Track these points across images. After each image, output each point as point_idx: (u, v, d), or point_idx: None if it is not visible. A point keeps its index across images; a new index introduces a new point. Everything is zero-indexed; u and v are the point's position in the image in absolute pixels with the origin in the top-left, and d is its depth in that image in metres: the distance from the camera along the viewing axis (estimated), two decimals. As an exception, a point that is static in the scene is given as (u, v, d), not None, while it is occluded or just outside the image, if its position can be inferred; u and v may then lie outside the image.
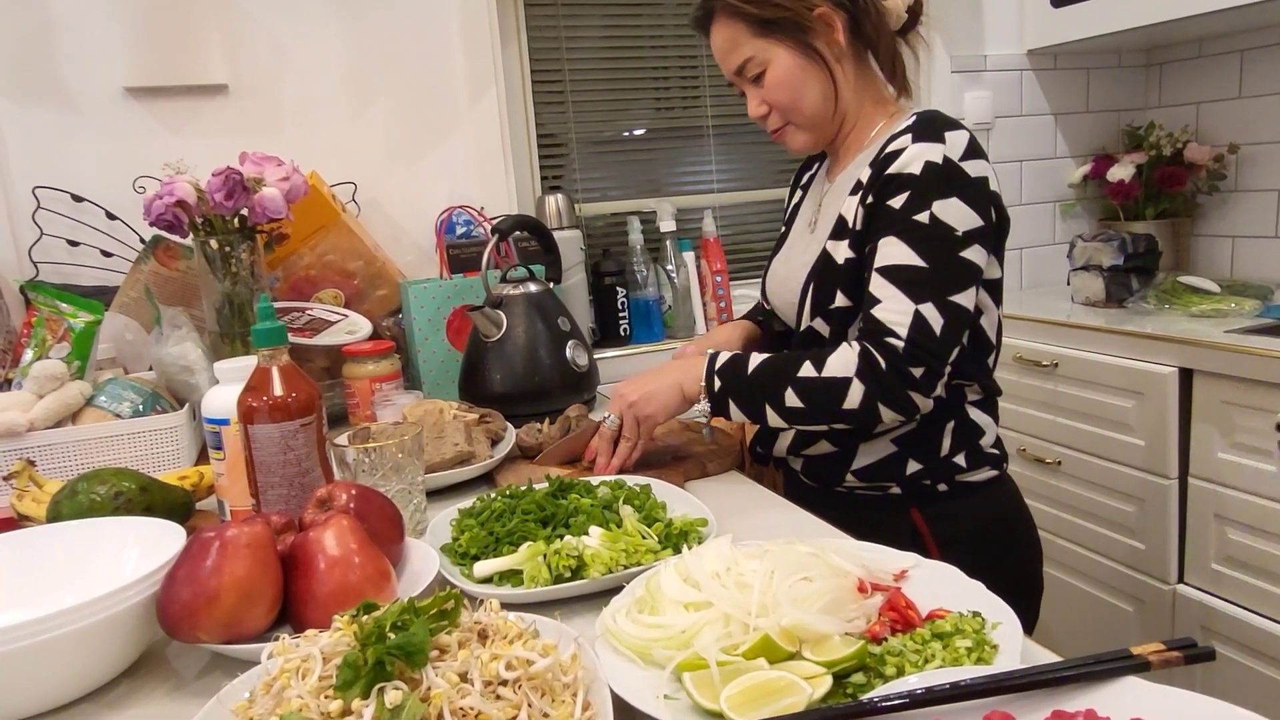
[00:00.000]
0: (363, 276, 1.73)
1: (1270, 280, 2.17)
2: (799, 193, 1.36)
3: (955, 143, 1.07)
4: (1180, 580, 1.84)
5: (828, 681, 0.61)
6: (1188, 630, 1.81)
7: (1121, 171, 2.38)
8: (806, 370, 1.06)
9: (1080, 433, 2.01)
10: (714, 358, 1.13)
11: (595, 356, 1.59)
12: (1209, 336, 1.73)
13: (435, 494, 1.15)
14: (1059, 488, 2.08)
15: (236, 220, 1.36)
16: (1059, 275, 2.41)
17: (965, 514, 1.15)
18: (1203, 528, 1.78)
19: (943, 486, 1.15)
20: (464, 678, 0.58)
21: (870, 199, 1.09)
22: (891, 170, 1.07)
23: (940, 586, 0.75)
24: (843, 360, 1.05)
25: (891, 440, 1.14)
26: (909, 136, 1.08)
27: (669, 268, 2.21)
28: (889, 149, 1.09)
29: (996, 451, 1.18)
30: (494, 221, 1.89)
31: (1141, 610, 1.92)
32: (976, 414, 1.16)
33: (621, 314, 2.17)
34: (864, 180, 1.12)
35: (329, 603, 0.74)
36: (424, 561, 0.87)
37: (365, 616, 0.61)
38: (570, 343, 1.50)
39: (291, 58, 1.86)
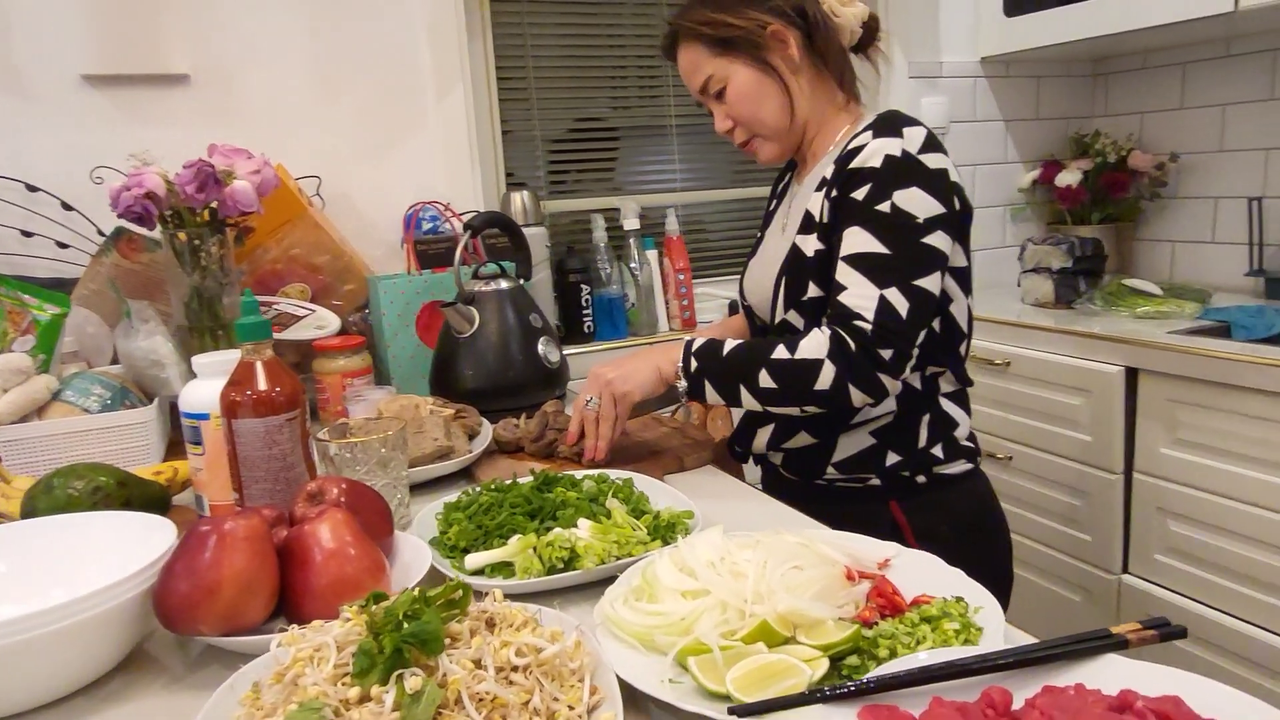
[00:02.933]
0: (330, 271, 1.72)
1: (1208, 283, 2.27)
2: (775, 201, 1.40)
3: (913, 137, 1.12)
4: (1125, 570, 1.93)
5: (824, 664, 0.64)
6: (1132, 619, 1.89)
7: (1069, 177, 2.47)
8: (779, 353, 1.09)
9: (1031, 429, 2.09)
10: (690, 342, 1.16)
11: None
12: (1153, 337, 1.81)
13: (413, 489, 1.15)
14: (1010, 483, 2.15)
15: (206, 213, 1.34)
16: (1010, 277, 2.48)
17: (943, 506, 1.19)
18: (1146, 520, 1.86)
19: (921, 478, 1.19)
20: (478, 664, 0.59)
21: (834, 193, 1.14)
22: (854, 165, 1.12)
23: (921, 574, 0.79)
24: (814, 343, 1.08)
25: (870, 433, 1.18)
26: (869, 134, 1.13)
27: (633, 265, 2.23)
28: (851, 146, 1.14)
29: (971, 444, 1.23)
30: (464, 218, 1.90)
31: (1089, 600, 2.00)
32: (950, 406, 1.21)
33: (586, 311, 2.18)
34: (828, 177, 1.16)
35: (327, 594, 0.75)
36: (415, 554, 0.87)
37: (376, 606, 0.62)
38: (542, 339, 1.51)
39: (255, 48, 1.84)
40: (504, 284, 1.52)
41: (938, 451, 1.20)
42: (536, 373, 1.50)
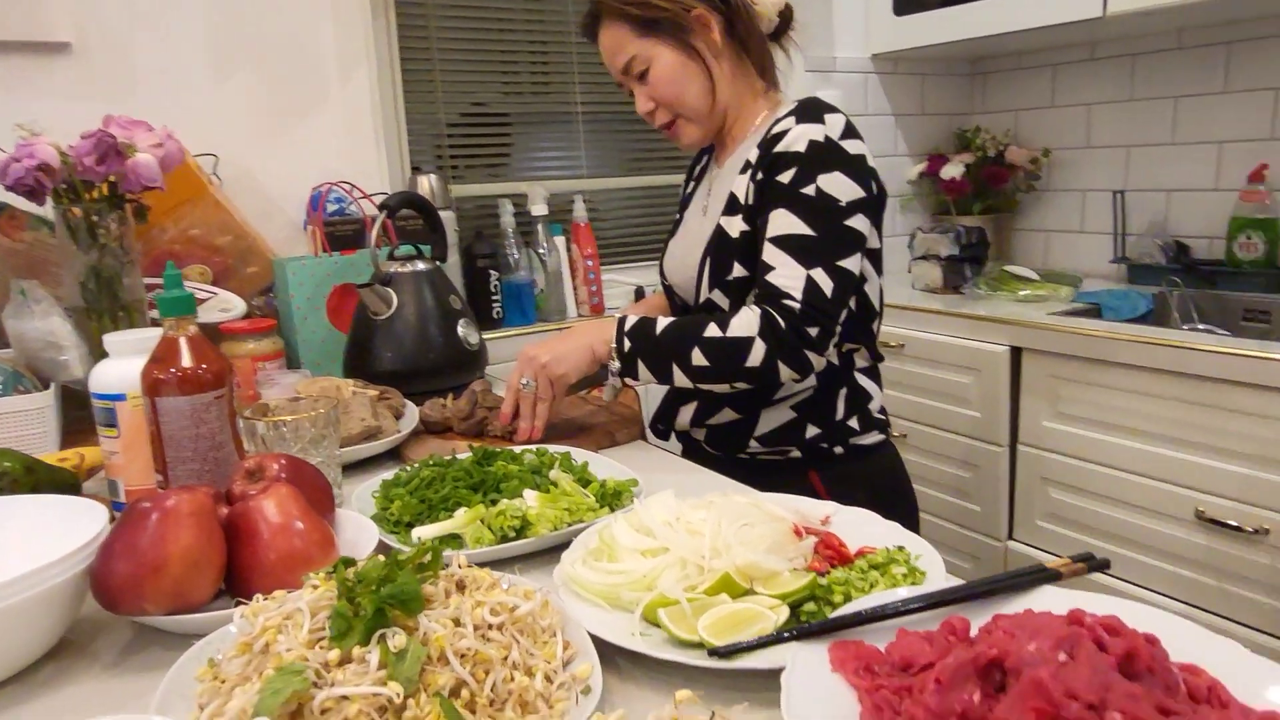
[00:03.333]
0: (232, 252, 1.65)
1: (1078, 269, 2.45)
2: (692, 183, 1.43)
3: (834, 123, 1.17)
4: (1010, 537, 2.06)
5: (785, 610, 0.67)
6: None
7: (953, 170, 2.61)
8: (711, 331, 1.12)
9: (924, 407, 2.20)
10: (623, 320, 1.17)
11: (474, 338, 1.59)
12: (1034, 319, 1.94)
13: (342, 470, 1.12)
14: (905, 459, 2.24)
15: (105, 187, 1.27)
16: (900, 264, 2.60)
17: (859, 475, 1.25)
18: (1030, 489, 1.99)
19: (839, 449, 1.24)
20: (457, 623, 0.59)
21: (760, 175, 1.18)
22: (779, 149, 1.16)
23: (860, 529, 0.83)
24: (745, 321, 1.12)
25: (790, 407, 1.23)
26: (792, 119, 1.18)
27: (541, 251, 2.23)
28: (774, 130, 1.18)
29: (882, 417, 1.29)
30: (376, 198, 1.85)
31: (978, 566, 2.13)
32: (864, 380, 1.27)
33: (494, 297, 2.17)
34: (752, 160, 1.20)
35: (277, 569, 0.73)
36: (359, 530, 0.86)
37: (347, 571, 0.61)
38: (462, 321, 1.50)
39: (145, 17, 1.74)
40: (421, 265, 1.50)
41: (853, 423, 1.26)
42: (456, 355, 1.48)
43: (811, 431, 1.24)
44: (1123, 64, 2.41)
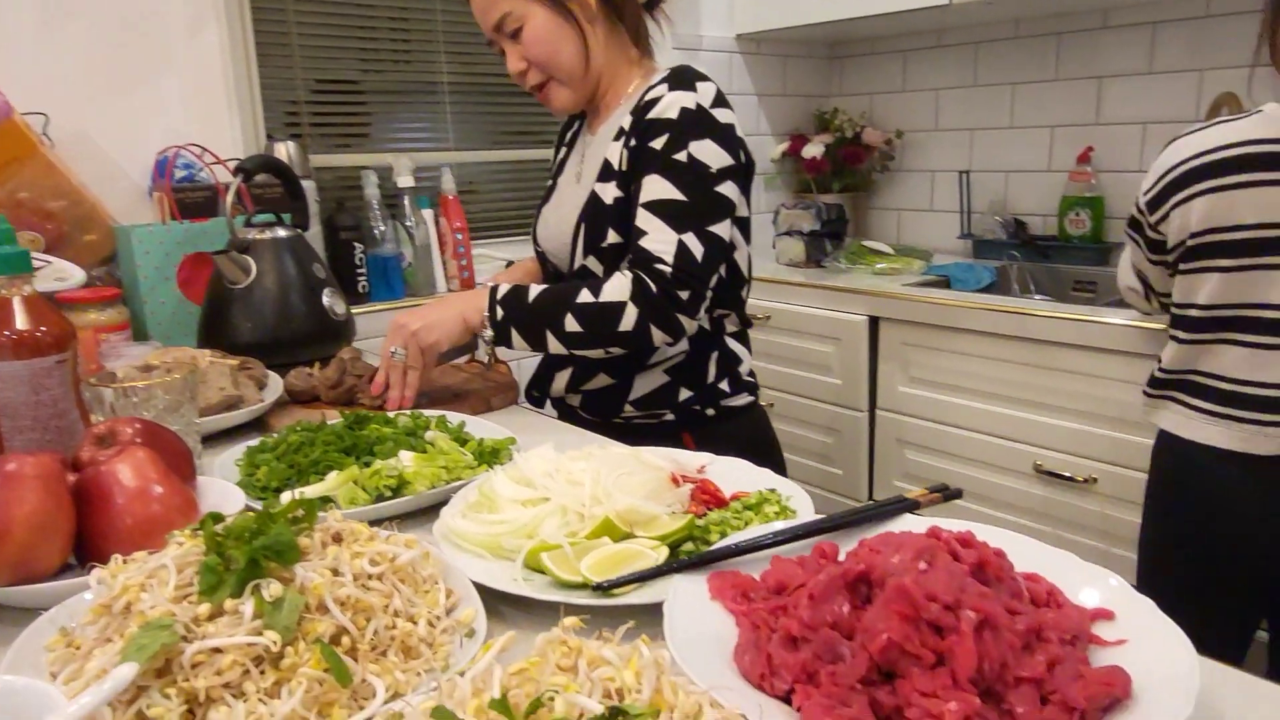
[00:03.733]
0: (67, 219, 1.53)
1: (929, 244, 2.59)
2: (564, 149, 1.43)
3: (705, 92, 1.19)
4: (870, 498, 2.17)
5: (665, 551, 0.69)
6: (876, 539, 2.14)
7: (814, 149, 2.71)
8: (584, 296, 1.13)
9: (789, 376, 2.28)
10: (495, 289, 1.17)
11: (341, 311, 1.53)
12: (891, 290, 2.05)
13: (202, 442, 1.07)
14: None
15: (-82, 141, 1.16)
16: (764, 239, 2.68)
17: (729, 436, 1.28)
18: (887, 451, 2.10)
19: (710, 411, 1.27)
20: (335, 573, 0.58)
21: (633, 142, 1.19)
22: (651, 115, 1.17)
23: (734, 476, 0.87)
24: (617, 286, 1.13)
25: (664, 371, 1.25)
26: (665, 86, 1.19)
27: (408, 224, 2.17)
28: (647, 97, 1.20)
29: (751, 379, 1.33)
30: (230, 164, 1.76)
31: (840, 526, 2.24)
32: (734, 344, 1.30)
33: (360, 270, 2.10)
34: (626, 127, 1.21)
35: (134, 535, 0.70)
36: (223, 497, 0.82)
37: (216, 525, 0.59)
38: (327, 290, 1.45)
39: (-42, -39, 1.59)
40: (282, 232, 1.44)
41: (724, 386, 1.29)
42: (321, 325, 1.43)
43: (684, 394, 1.27)
44: (966, 52, 2.56)
